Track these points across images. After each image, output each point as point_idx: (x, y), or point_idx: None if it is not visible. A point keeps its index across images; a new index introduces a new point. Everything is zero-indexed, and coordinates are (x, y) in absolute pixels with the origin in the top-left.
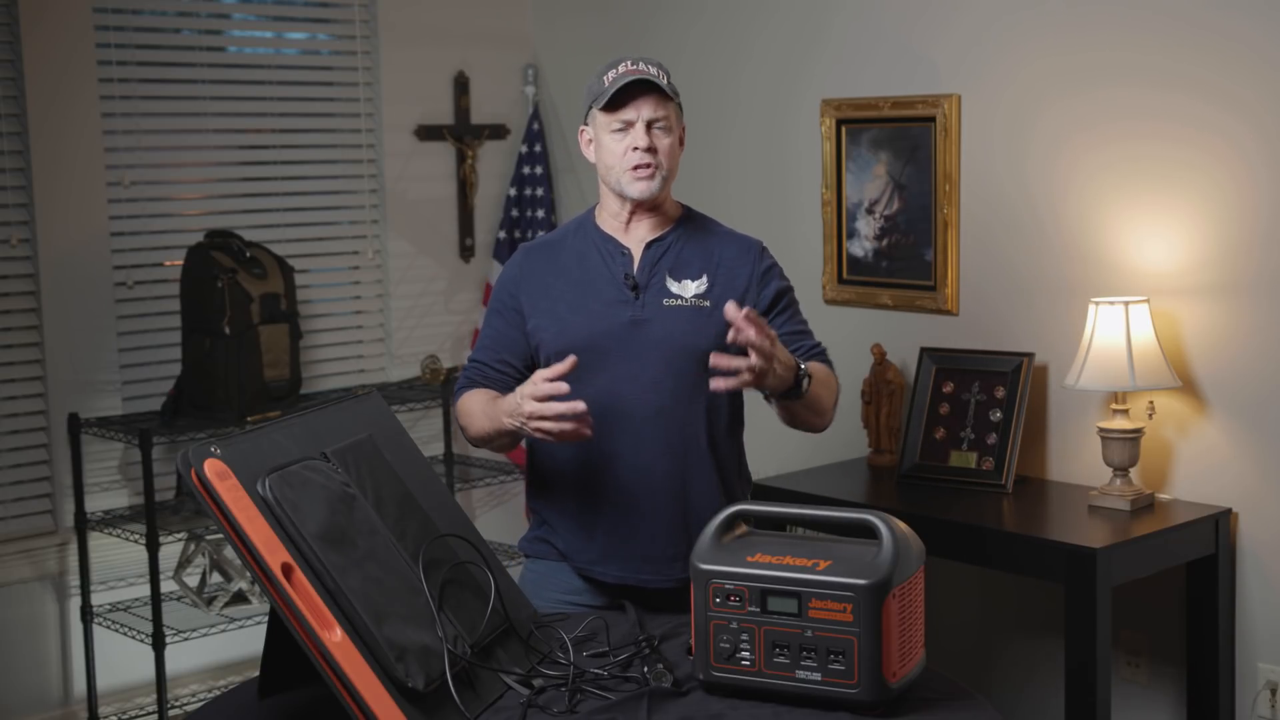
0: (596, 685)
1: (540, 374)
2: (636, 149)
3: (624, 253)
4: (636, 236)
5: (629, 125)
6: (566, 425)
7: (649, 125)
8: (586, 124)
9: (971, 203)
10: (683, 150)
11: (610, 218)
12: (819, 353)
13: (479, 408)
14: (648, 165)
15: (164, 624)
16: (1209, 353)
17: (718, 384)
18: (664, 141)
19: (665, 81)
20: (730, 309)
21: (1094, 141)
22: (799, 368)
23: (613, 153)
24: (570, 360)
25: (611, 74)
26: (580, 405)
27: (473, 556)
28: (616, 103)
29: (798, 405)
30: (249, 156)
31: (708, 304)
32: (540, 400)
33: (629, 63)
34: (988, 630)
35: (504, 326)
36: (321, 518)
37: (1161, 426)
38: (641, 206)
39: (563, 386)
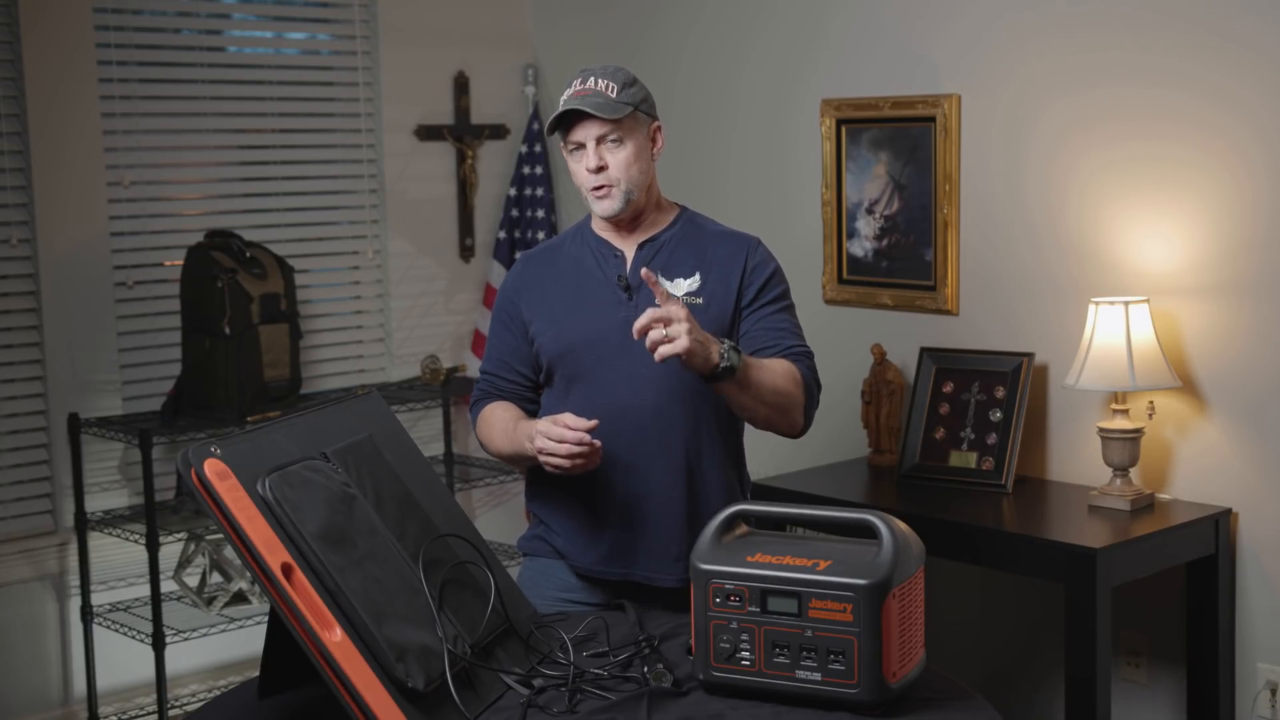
0: (596, 685)
1: (565, 419)
2: (590, 170)
3: (617, 255)
4: (630, 238)
5: (581, 146)
6: (578, 460)
7: (598, 142)
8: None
9: (971, 203)
10: (660, 150)
11: (602, 223)
12: (796, 353)
13: (500, 427)
14: (604, 186)
15: (164, 624)
16: (1209, 353)
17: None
18: (615, 157)
19: (614, 94)
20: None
21: (1094, 141)
22: (722, 345)
23: (575, 174)
24: (593, 423)
25: (566, 94)
26: (593, 441)
27: (473, 556)
28: (564, 126)
29: (733, 389)
30: (249, 156)
31: (700, 301)
32: (555, 440)
33: (579, 81)
34: (988, 630)
35: (510, 338)
36: (321, 518)
37: (1161, 426)
38: (623, 217)
39: (582, 436)
